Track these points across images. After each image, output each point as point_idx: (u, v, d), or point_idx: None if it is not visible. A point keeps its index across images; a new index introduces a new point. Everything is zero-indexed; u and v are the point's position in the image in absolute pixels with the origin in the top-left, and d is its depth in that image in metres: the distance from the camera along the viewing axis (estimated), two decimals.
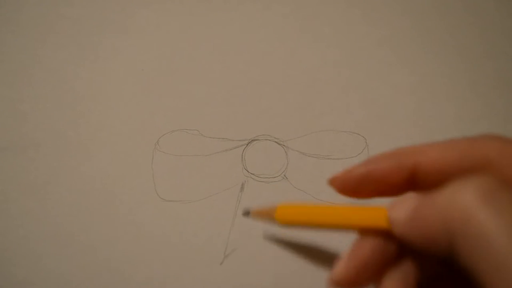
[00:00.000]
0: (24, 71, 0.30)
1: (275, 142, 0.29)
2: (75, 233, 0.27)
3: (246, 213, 0.25)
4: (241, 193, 0.28)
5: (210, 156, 0.29)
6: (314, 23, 0.32)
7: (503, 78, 0.31)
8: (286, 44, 0.31)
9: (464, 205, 0.15)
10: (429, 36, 0.32)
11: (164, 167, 0.28)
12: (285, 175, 0.28)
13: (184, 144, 0.29)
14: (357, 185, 0.19)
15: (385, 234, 0.19)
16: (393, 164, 0.19)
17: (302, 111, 0.30)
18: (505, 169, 0.17)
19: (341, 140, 0.29)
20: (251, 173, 0.28)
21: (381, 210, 0.19)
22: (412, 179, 0.19)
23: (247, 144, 0.29)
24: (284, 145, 0.29)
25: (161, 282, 0.26)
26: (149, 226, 0.27)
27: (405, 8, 0.32)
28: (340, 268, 0.19)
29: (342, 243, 0.25)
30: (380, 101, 0.30)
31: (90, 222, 0.27)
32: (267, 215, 0.23)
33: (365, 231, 0.19)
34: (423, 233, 0.16)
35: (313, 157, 0.29)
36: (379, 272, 0.19)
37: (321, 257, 0.26)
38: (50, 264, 0.26)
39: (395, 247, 0.19)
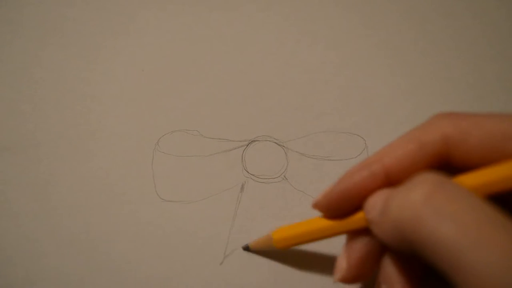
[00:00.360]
0: (24, 71, 0.30)
1: (275, 143, 0.29)
2: (75, 233, 0.27)
3: (246, 248, 0.26)
4: (241, 193, 0.28)
5: (210, 156, 0.29)
6: (314, 24, 0.32)
7: (502, 81, 0.31)
8: (286, 45, 0.32)
9: (412, 206, 0.15)
10: (428, 38, 0.32)
11: (164, 167, 0.28)
12: (285, 176, 0.28)
13: (184, 145, 0.29)
14: (339, 204, 0.20)
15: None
16: (365, 175, 0.19)
17: (301, 112, 0.30)
18: (463, 143, 0.18)
19: (341, 141, 0.29)
20: (251, 174, 0.28)
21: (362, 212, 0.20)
22: (389, 181, 0.19)
23: (247, 145, 0.29)
24: (284, 146, 0.29)
25: (161, 282, 0.26)
26: (149, 226, 0.27)
27: (404, 9, 0.33)
28: (342, 268, 0.20)
29: (340, 243, 0.25)
30: (380, 102, 0.30)
31: (90, 222, 0.27)
32: (265, 244, 0.25)
33: (353, 233, 0.21)
34: (389, 233, 0.17)
35: (312, 158, 0.29)
36: (377, 259, 0.20)
37: (321, 257, 0.26)
38: (50, 264, 0.26)
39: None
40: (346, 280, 0.20)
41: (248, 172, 0.28)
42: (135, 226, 0.27)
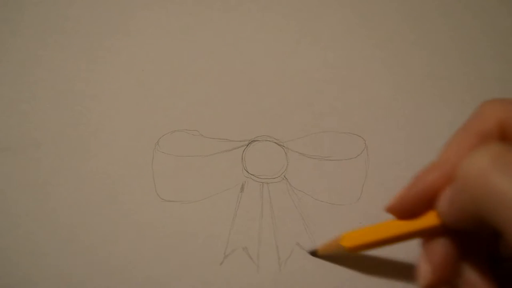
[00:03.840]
0: (24, 71, 0.30)
1: (275, 143, 0.29)
2: (75, 233, 0.27)
3: (313, 253, 0.26)
4: (241, 193, 0.28)
5: (210, 156, 0.29)
6: (314, 23, 0.32)
7: (502, 81, 0.31)
8: (286, 44, 0.32)
9: (479, 174, 0.16)
10: (428, 37, 0.32)
11: (164, 167, 0.28)
12: (285, 176, 0.28)
13: (184, 145, 0.29)
14: (413, 206, 0.20)
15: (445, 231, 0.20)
16: (437, 176, 0.20)
17: (302, 112, 0.30)
18: None
19: (341, 141, 0.29)
20: (251, 174, 0.28)
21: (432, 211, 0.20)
22: None
23: (247, 145, 0.29)
24: (284, 146, 0.29)
25: (161, 282, 0.26)
26: (149, 226, 0.27)
27: (404, 10, 0.33)
28: (427, 273, 0.20)
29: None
30: (380, 102, 0.30)
31: (90, 222, 0.27)
32: (334, 247, 0.24)
33: (428, 236, 0.21)
34: (460, 213, 0.18)
35: (312, 158, 0.29)
36: (457, 262, 0.20)
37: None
38: (50, 264, 0.26)
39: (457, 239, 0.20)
40: (432, 284, 0.20)
41: (248, 172, 0.28)
42: (135, 226, 0.27)
